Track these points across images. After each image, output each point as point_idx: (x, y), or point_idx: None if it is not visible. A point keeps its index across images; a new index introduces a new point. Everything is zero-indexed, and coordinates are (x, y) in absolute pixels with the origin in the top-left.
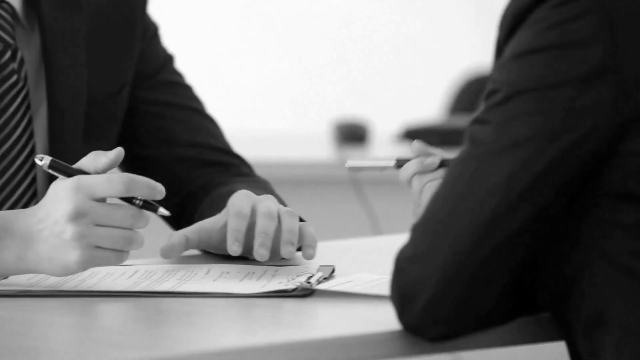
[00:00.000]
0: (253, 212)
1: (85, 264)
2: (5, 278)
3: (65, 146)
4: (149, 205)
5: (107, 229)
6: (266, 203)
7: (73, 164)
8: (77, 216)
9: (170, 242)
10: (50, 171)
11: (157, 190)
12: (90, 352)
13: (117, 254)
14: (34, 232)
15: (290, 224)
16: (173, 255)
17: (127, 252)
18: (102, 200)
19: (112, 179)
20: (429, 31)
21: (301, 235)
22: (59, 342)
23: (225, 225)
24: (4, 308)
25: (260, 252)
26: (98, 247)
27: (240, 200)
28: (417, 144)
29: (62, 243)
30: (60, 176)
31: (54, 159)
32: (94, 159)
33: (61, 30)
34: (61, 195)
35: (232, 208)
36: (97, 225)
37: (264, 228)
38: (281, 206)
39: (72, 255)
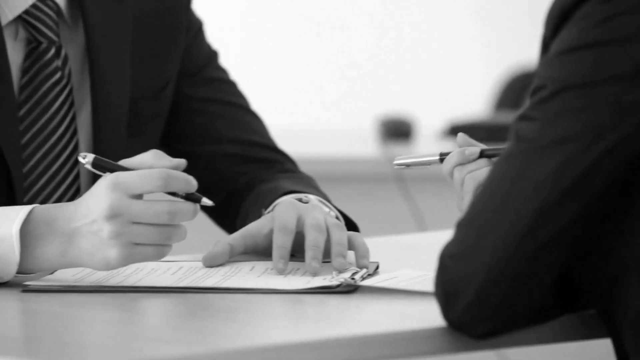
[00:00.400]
0: (299, 223)
1: (125, 261)
2: (52, 273)
3: (109, 143)
4: (192, 196)
5: (143, 226)
6: (313, 214)
7: (117, 160)
8: (113, 215)
9: (214, 251)
10: (93, 170)
11: (192, 183)
12: (134, 347)
13: (157, 249)
14: (75, 229)
15: (339, 236)
16: (216, 263)
17: (169, 246)
18: (140, 196)
19: (149, 175)
20: (475, 27)
21: (353, 245)
22: (104, 337)
23: (271, 232)
24: (50, 303)
25: (313, 265)
26: (137, 243)
27: (286, 212)
28: (461, 136)
29: (101, 241)
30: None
31: (97, 157)
32: (154, 158)
33: (105, 28)
34: (99, 193)
35: (278, 222)
36: (134, 223)
37: (314, 241)
38: (328, 217)
39: (112, 252)
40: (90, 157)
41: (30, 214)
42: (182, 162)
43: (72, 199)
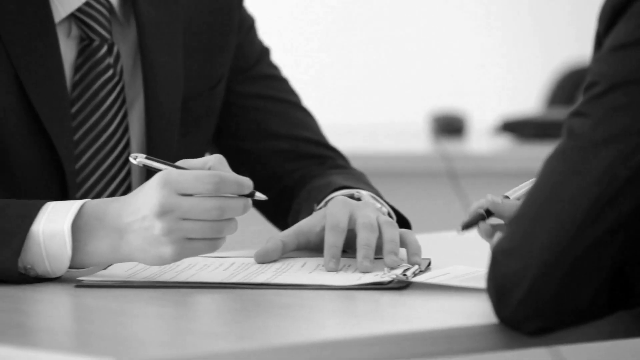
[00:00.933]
0: (351, 221)
1: (179, 256)
2: (105, 268)
3: (161, 140)
4: None
5: (194, 222)
6: (365, 212)
7: (169, 157)
8: (163, 212)
9: (267, 247)
10: (145, 165)
11: (245, 186)
12: (186, 342)
13: (210, 243)
14: (126, 224)
15: (391, 234)
16: (268, 260)
17: (222, 238)
18: (190, 194)
19: (201, 178)
20: (529, 22)
21: (405, 243)
22: (157, 332)
23: (323, 230)
24: (104, 298)
25: (364, 264)
26: (189, 239)
27: (338, 210)
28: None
29: (153, 238)
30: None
31: (148, 156)
32: (216, 164)
33: (157, 25)
34: (149, 190)
35: (330, 220)
36: (184, 219)
37: (366, 240)
38: (380, 215)
39: (165, 249)
40: (141, 157)
41: (82, 209)
42: (246, 182)
43: (123, 195)
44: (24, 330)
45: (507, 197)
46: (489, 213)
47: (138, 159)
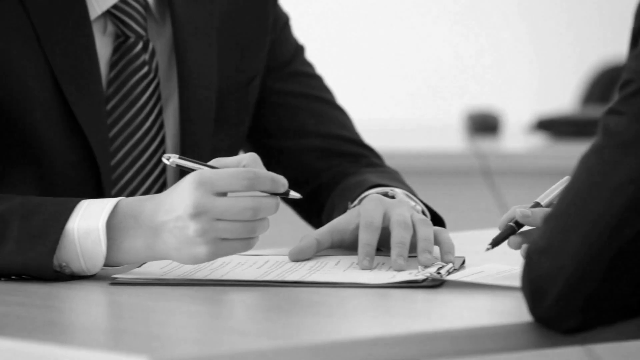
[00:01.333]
0: (385, 219)
1: (213, 256)
2: (139, 266)
3: (196, 136)
4: None
5: (228, 222)
6: (399, 211)
7: (203, 154)
8: (197, 213)
9: (301, 245)
10: (179, 165)
11: (280, 183)
12: (219, 340)
13: (244, 242)
14: (160, 223)
15: (425, 233)
16: (302, 258)
17: (256, 237)
18: (224, 193)
19: (235, 175)
20: (563, 20)
21: (439, 241)
22: (190, 330)
23: (357, 228)
24: (138, 296)
25: (398, 262)
26: (223, 239)
27: (372, 208)
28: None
29: (187, 238)
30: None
31: (181, 156)
32: (250, 162)
33: (192, 22)
34: (183, 190)
35: (364, 218)
36: (218, 219)
37: (400, 238)
38: (415, 213)
39: (199, 249)
40: (174, 157)
41: (116, 207)
42: (281, 180)
43: (158, 192)
44: (58, 327)
45: (537, 203)
46: (518, 225)
47: (171, 159)
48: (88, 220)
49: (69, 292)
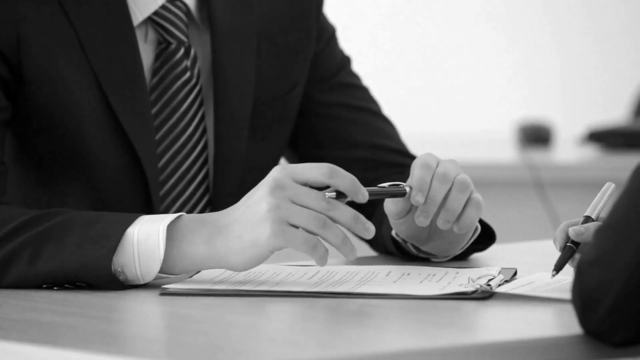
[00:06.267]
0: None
1: (275, 239)
2: (191, 277)
3: (229, 144)
4: (340, 194)
5: (301, 208)
6: (445, 164)
7: (236, 160)
8: (276, 188)
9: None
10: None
11: (360, 192)
12: (268, 350)
13: (307, 238)
14: (232, 220)
15: (455, 203)
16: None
17: (322, 245)
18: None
19: (316, 164)
20: (615, 32)
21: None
22: (238, 340)
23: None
24: (189, 307)
25: (420, 219)
26: (290, 224)
27: (427, 156)
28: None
29: (255, 217)
30: None
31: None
32: (330, 174)
33: (231, 30)
34: (266, 178)
35: (419, 160)
36: (293, 203)
37: (433, 192)
38: (460, 172)
39: (264, 228)
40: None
41: (181, 216)
42: (362, 189)
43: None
44: (110, 337)
45: (588, 217)
46: (575, 243)
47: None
48: (149, 225)
49: (122, 303)
